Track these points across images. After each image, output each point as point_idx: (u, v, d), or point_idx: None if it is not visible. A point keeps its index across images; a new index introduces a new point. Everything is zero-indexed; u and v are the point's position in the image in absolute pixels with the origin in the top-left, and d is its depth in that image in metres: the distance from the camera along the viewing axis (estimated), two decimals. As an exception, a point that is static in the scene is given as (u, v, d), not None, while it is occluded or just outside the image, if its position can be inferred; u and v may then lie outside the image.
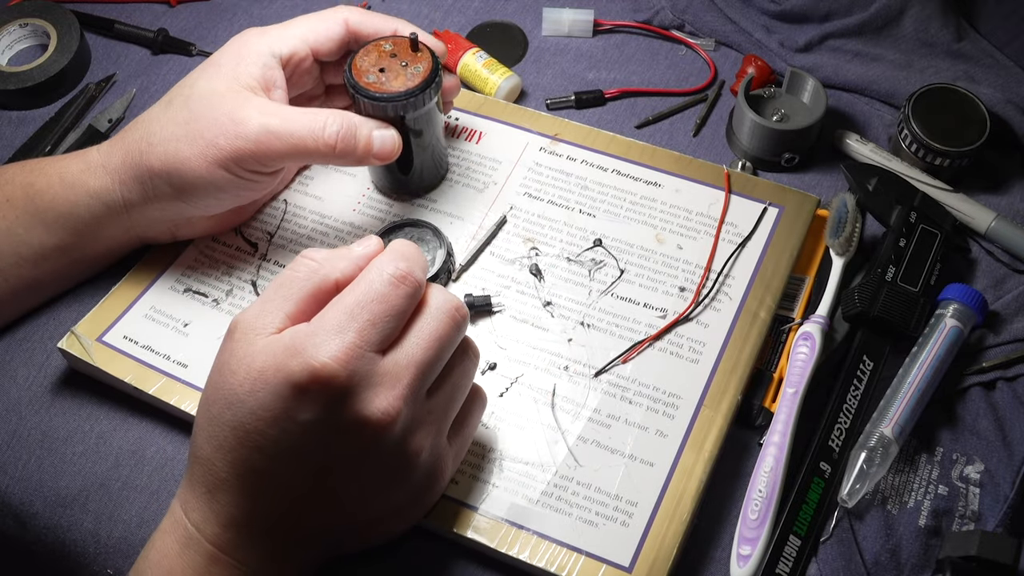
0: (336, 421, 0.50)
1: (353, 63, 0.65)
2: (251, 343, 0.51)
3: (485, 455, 0.61)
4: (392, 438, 0.52)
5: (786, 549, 0.59)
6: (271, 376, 0.50)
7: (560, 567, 0.57)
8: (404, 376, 0.51)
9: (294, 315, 0.52)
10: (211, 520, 0.53)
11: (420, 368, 0.52)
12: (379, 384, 0.51)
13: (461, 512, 0.59)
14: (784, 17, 0.84)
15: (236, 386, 0.51)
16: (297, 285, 0.53)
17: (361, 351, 0.50)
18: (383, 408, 0.50)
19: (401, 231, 0.69)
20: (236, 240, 0.71)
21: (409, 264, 0.53)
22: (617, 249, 0.69)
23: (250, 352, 0.51)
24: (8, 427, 0.65)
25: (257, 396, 0.50)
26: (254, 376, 0.50)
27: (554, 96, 0.81)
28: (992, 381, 0.67)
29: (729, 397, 0.63)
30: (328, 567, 0.58)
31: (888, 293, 0.67)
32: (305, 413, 0.50)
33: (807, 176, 0.77)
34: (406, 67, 0.65)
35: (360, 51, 0.65)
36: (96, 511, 0.62)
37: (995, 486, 0.62)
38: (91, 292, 0.70)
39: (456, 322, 0.54)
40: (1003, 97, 0.77)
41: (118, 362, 0.65)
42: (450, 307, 0.54)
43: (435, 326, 0.53)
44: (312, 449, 0.51)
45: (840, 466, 0.62)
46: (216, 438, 0.52)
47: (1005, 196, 0.75)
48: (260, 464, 0.51)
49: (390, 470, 0.54)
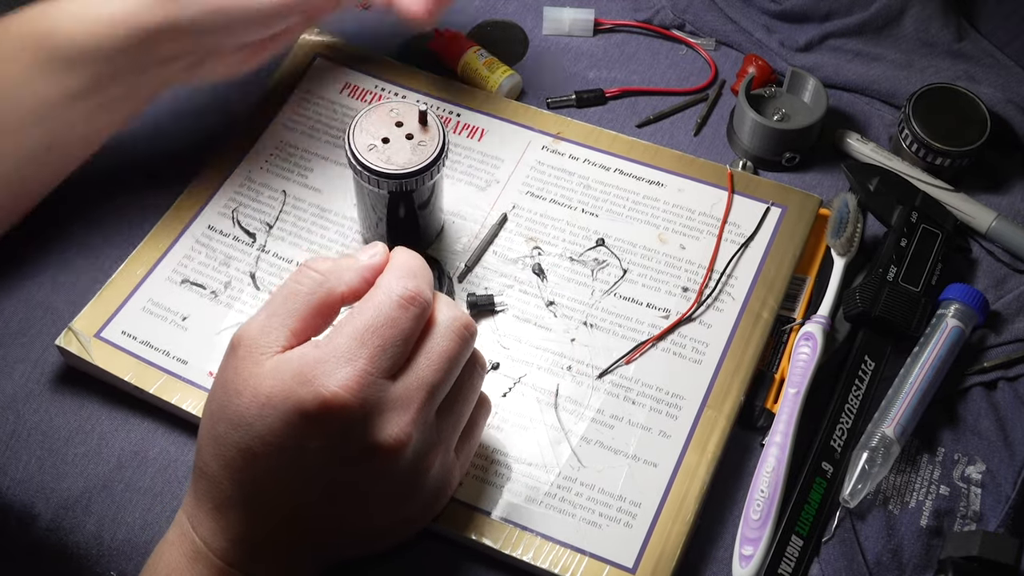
0: (347, 449, 0.50)
1: (353, 130, 0.62)
2: (257, 363, 0.50)
3: (488, 456, 0.61)
4: (404, 461, 0.51)
5: (788, 549, 0.59)
6: (279, 403, 0.49)
7: (564, 568, 0.57)
8: (415, 399, 0.51)
9: (299, 331, 0.52)
10: (219, 535, 0.52)
11: (430, 390, 0.51)
12: (390, 410, 0.50)
13: (465, 513, 0.59)
14: (785, 17, 0.84)
15: (243, 408, 0.50)
16: (302, 300, 0.52)
17: (372, 378, 0.49)
18: (395, 435, 0.50)
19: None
20: (234, 229, 0.71)
21: (417, 283, 0.52)
22: (620, 249, 0.69)
23: (256, 373, 0.50)
24: (7, 427, 0.64)
25: (265, 421, 0.49)
26: (262, 400, 0.50)
27: (555, 95, 0.81)
28: (993, 381, 0.67)
29: (732, 398, 0.63)
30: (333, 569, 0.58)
31: (889, 293, 0.67)
32: (315, 441, 0.49)
33: (808, 176, 0.77)
34: (411, 139, 0.62)
35: (362, 114, 0.62)
36: (99, 513, 0.61)
37: (996, 486, 0.63)
38: (87, 282, 0.69)
39: (464, 340, 0.53)
40: (1004, 97, 0.77)
41: (117, 360, 0.64)
42: (458, 325, 0.53)
43: (445, 345, 0.52)
44: (321, 473, 0.51)
45: (842, 466, 0.62)
46: (222, 457, 0.51)
47: (1006, 196, 0.75)
48: (268, 485, 0.51)
49: (400, 489, 0.53)
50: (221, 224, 0.71)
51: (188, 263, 0.69)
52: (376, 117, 0.62)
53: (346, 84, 0.78)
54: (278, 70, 0.79)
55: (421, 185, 0.62)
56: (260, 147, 0.75)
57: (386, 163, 0.61)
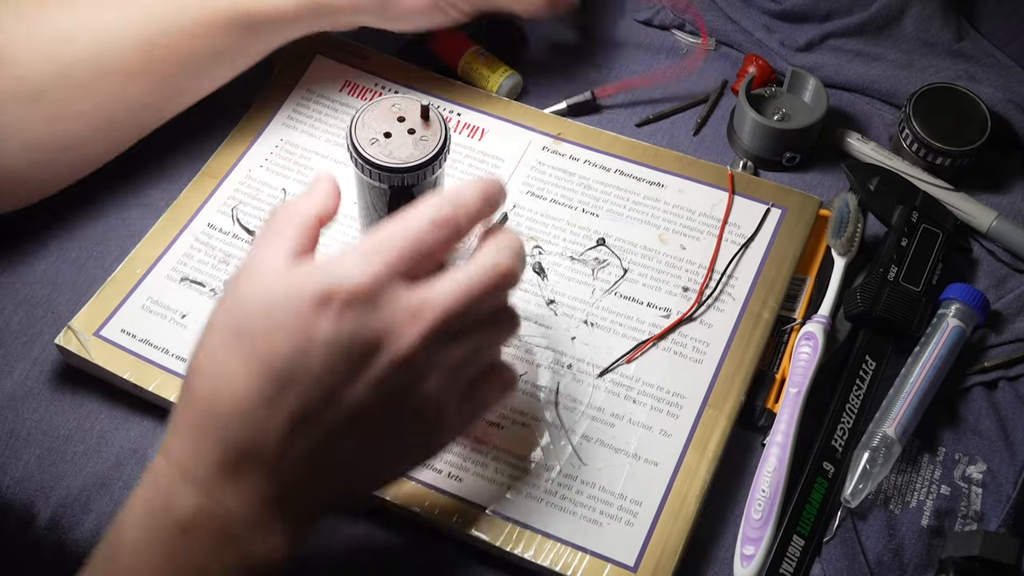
0: (352, 344, 0.47)
1: (356, 124, 0.61)
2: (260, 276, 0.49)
3: (490, 453, 0.61)
4: (404, 377, 0.49)
5: (790, 549, 0.59)
6: (286, 296, 0.47)
7: (565, 566, 0.57)
8: (428, 316, 0.49)
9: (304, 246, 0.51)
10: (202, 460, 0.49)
11: (446, 312, 0.49)
12: (401, 318, 0.48)
13: (466, 511, 0.59)
14: (785, 16, 0.84)
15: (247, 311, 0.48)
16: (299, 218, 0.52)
17: (389, 273, 0.48)
18: (402, 347, 0.48)
19: None
20: (233, 227, 0.71)
21: (454, 209, 0.50)
22: (620, 249, 0.69)
23: (262, 282, 0.48)
24: (6, 425, 0.64)
25: (273, 317, 0.47)
26: (268, 300, 0.48)
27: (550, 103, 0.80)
28: (994, 381, 0.67)
29: (733, 397, 0.63)
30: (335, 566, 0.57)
31: (890, 293, 0.67)
32: (324, 327, 0.47)
33: (808, 175, 0.77)
34: (413, 133, 0.61)
35: (365, 109, 0.61)
36: (98, 511, 0.61)
37: (997, 486, 0.63)
38: (86, 281, 0.69)
39: (494, 281, 0.51)
40: (1004, 96, 0.77)
41: (117, 358, 0.64)
42: (492, 263, 0.51)
43: (472, 277, 0.50)
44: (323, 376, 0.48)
45: (843, 466, 0.62)
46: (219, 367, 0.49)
47: (1006, 196, 0.75)
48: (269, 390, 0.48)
49: (393, 409, 0.50)
50: (221, 222, 0.71)
51: (188, 261, 0.69)
52: (378, 112, 0.62)
53: (346, 82, 0.78)
54: (278, 68, 0.79)
55: (422, 180, 0.62)
56: (260, 145, 0.75)
57: (387, 157, 0.60)
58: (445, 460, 0.61)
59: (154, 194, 0.73)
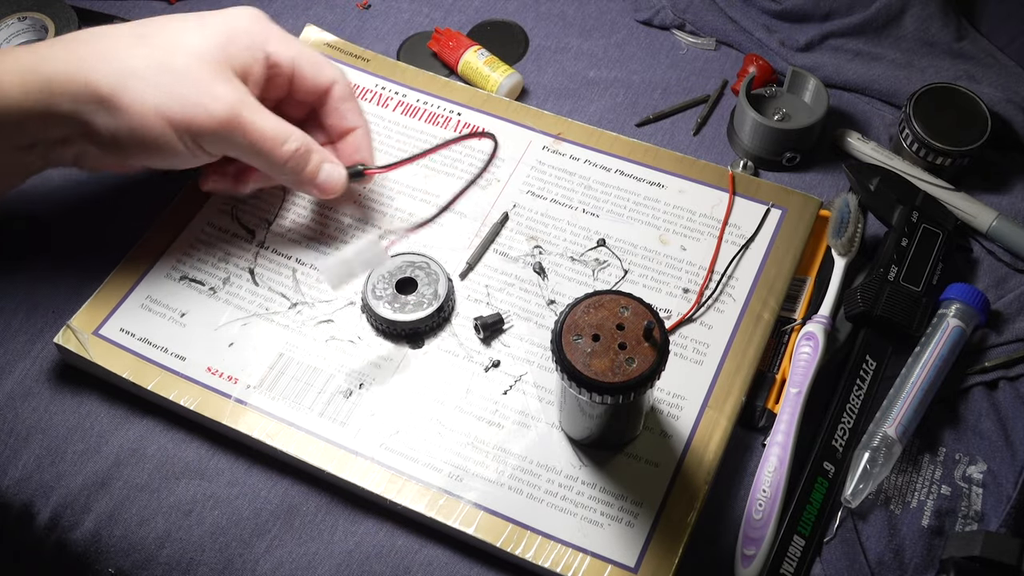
0: None
1: (571, 313, 0.53)
2: None
3: (490, 454, 0.61)
4: None
5: (790, 549, 0.59)
6: None
7: (566, 567, 0.57)
8: None
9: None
10: None
11: None
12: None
13: (466, 511, 0.59)
14: (785, 16, 0.84)
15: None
16: None
17: None
18: None
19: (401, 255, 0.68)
20: (233, 226, 0.71)
21: None
22: (621, 249, 0.69)
23: None
24: (6, 425, 0.64)
25: None
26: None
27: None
28: (994, 381, 0.67)
29: (733, 398, 0.63)
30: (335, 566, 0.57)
31: (891, 293, 0.67)
32: None
33: (808, 175, 0.77)
34: (624, 349, 0.52)
35: (587, 301, 0.54)
36: (98, 510, 0.61)
37: (998, 486, 0.63)
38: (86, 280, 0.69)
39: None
40: (1004, 96, 0.77)
41: (115, 357, 0.64)
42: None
43: None
44: None
45: (843, 466, 0.62)
46: None
47: (1006, 195, 0.75)
48: None
49: None
50: (220, 221, 0.71)
51: (187, 260, 0.69)
52: (603, 307, 0.54)
53: (346, 82, 0.78)
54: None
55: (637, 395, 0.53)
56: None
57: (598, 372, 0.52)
58: (445, 460, 0.61)
59: (154, 193, 0.73)
